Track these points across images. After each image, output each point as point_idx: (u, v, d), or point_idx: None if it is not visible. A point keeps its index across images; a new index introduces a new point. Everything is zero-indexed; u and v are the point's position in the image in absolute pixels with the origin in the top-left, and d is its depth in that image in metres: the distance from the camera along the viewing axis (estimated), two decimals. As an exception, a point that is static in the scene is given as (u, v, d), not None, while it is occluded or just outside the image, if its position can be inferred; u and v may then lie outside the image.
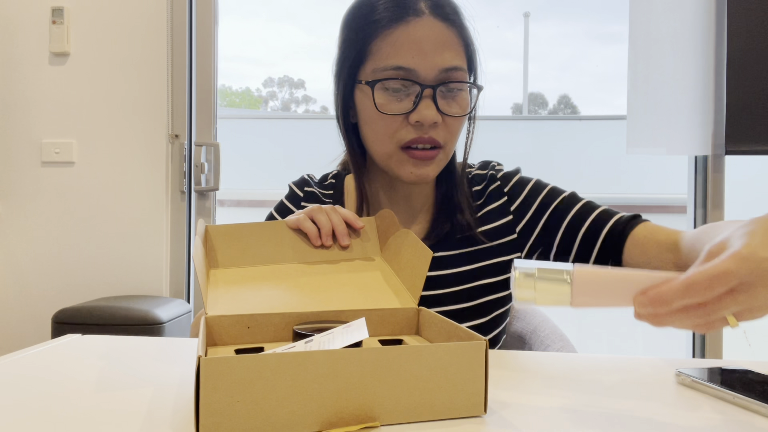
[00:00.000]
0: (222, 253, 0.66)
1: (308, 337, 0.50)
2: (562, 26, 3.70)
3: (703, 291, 0.43)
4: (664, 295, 0.43)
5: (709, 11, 1.92)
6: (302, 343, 0.50)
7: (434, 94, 0.79)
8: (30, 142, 2.15)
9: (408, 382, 0.44)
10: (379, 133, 0.82)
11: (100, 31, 2.13)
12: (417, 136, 0.80)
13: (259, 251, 0.67)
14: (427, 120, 0.79)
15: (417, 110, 0.79)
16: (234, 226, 0.68)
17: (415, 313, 0.62)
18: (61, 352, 0.66)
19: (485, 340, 0.46)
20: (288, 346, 0.51)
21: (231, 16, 2.41)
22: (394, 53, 0.79)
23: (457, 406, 0.46)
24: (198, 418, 0.40)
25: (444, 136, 0.81)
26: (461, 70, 0.81)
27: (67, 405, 0.49)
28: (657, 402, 0.51)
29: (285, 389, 0.42)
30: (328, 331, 0.51)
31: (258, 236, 0.68)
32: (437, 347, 0.45)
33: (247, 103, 4.08)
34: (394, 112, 0.80)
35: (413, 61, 0.78)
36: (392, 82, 0.79)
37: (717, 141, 1.92)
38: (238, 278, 0.64)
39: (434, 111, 0.79)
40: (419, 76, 0.79)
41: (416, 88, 0.79)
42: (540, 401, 0.51)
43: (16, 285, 2.17)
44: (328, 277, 0.66)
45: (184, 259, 2.17)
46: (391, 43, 0.79)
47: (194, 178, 2.17)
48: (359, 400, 0.43)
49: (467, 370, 0.46)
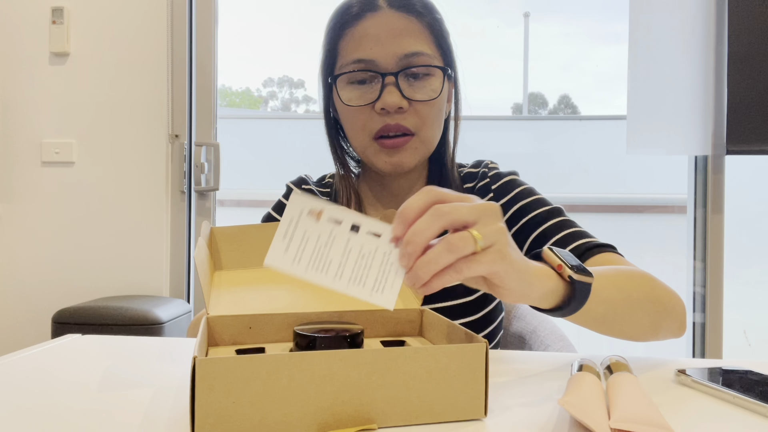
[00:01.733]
0: (226, 255, 0.66)
1: (309, 338, 0.50)
2: (562, 26, 3.70)
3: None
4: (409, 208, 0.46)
5: (709, 11, 1.92)
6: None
7: (396, 81, 0.80)
8: (30, 142, 2.15)
9: (406, 384, 0.44)
10: (352, 126, 0.85)
11: (100, 31, 2.13)
12: (384, 124, 0.81)
13: (263, 253, 0.67)
14: (390, 106, 0.80)
15: (381, 98, 0.81)
16: (239, 228, 0.67)
17: (418, 314, 0.61)
18: (61, 352, 0.66)
19: (485, 342, 0.46)
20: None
21: (231, 16, 2.41)
22: (354, 48, 0.82)
23: (457, 408, 0.45)
24: (193, 419, 0.40)
25: (413, 122, 0.82)
26: (424, 55, 0.82)
27: (66, 405, 0.49)
28: (657, 402, 0.51)
29: (281, 390, 0.41)
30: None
31: (263, 238, 0.67)
32: (436, 349, 0.45)
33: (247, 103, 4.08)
34: (359, 103, 0.82)
35: (371, 52, 0.81)
36: (356, 74, 0.82)
37: (717, 141, 1.91)
38: (241, 280, 0.63)
39: (398, 96, 0.80)
40: (379, 66, 0.81)
41: (379, 78, 0.81)
42: (541, 403, 0.51)
43: (16, 285, 2.17)
44: None
45: (184, 259, 2.17)
46: (352, 39, 0.83)
47: (194, 178, 2.17)
48: (356, 402, 0.43)
49: (467, 372, 0.45)
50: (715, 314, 1.97)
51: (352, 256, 0.46)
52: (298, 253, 0.45)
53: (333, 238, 0.46)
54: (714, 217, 1.96)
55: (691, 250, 2.02)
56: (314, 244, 0.46)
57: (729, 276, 1.97)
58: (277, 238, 0.45)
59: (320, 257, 0.45)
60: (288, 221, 0.46)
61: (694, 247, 2.01)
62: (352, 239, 0.46)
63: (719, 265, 1.97)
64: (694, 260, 2.01)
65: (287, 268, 0.45)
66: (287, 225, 0.46)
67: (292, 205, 0.46)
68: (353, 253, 0.46)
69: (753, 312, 2.26)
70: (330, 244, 0.46)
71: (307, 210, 0.46)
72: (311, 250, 0.45)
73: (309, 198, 0.47)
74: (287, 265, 0.45)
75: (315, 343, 0.49)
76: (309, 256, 0.45)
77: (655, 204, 2.78)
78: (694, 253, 2.01)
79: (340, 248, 0.46)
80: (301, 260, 0.45)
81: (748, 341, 2.12)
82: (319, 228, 0.46)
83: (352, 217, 0.47)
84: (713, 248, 1.96)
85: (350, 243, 0.46)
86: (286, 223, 0.46)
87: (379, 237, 0.47)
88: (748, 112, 1.86)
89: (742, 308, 2.16)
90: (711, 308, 1.97)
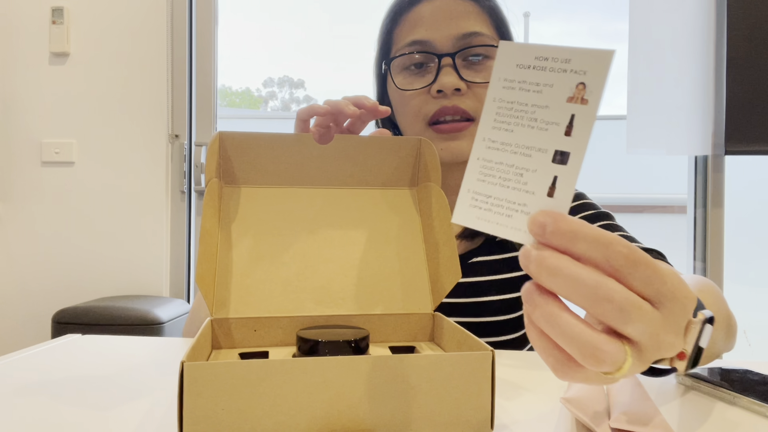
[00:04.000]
0: (239, 168, 0.59)
1: (311, 342, 0.48)
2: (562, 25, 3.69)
3: (620, 252, 0.29)
4: (572, 224, 0.30)
5: (709, 11, 1.92)
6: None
7: (454, 62, 0.76)
8: (30, 142, 2.15)
9: (405, 394, 0.41)
10: (407, 114, 0.79)
11: (100, 31, 2.13)
12: (441, 107, 0.76)
13: (279, 168, 0.60)
14: (447, 87, 0.75)
15: (437, 80, 0.76)
16: (253, 136, 0.59)
17: (430, 318, 0.58)
18: (61, 352, 0.66)
19: (491, 351, 0.43)
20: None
21: (231, 16, 2.41)
22: (409, 31, 0.79)
23: (461, 421, 0.42)
24: (182, 425, 0.39)
25: (472, 105, 0.77)
26: (483, 35, 0.77)
27: (66, 405, 0.49)
28: (657, 402, 0.51)
29: (272, 398, 0.40)
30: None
31: (280, 150, 0.60)
32: (438, 357, 0.42)
33: (247, 103, 4.08)
34: (415, 87, 0.77)
35: (427, 34, 0.77)
36: (411, 57, 0.78)
37: (717, 141, 1.91)
38: (247, 244, 0.57)
39: (455, 77, 0.75)
40: (435, 47, 0.77)
41: (436, 61, 0.77)
42: (542, 405, 0.51)
43: (16, 285, 2.17)
44: (351, 237, 0.59)
45: (184, 259, 2.17)
46: (408, 23, 0.79)
47: (194, 178, 2.17)
48: (352, 412, 0.41)
49: (471, 382, 0.42)
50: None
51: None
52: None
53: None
54: (714, 217, 1.96)
55: (691, 250, 2.02)
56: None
57: (729, 276, 1.97)
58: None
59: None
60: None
61: (694, 247, 2.01)
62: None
63: (719, 265, 1.97)
64: (694, 260, 2.01)
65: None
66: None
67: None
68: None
69: (753, 312, 2.26)
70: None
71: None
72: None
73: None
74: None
75: (318, 348, 0.48)
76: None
77: (655, 204, 2.78)
78: (694, 253, 2.01)
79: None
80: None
81: (748, 341, 2.11)
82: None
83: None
84: (713, 248, 1.96)
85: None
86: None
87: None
88: (747, 112, 1.86)
89: (742, 308, 2.16)
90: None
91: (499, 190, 0.33)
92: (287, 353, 0.53)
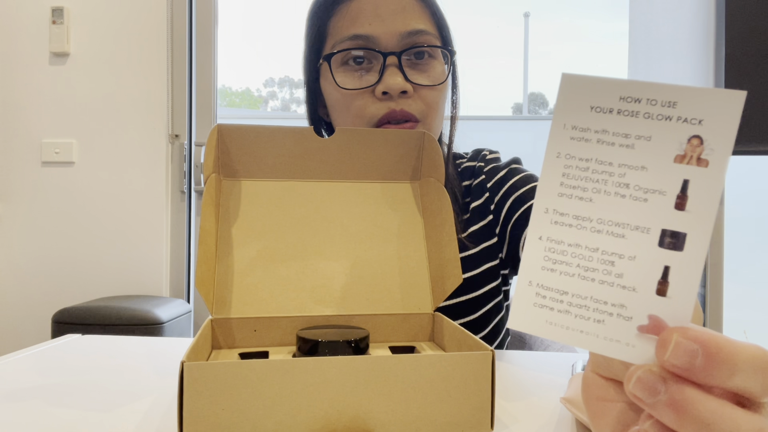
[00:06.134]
0: (239, 161, 0.59)
1: (311, 342, 0.48)
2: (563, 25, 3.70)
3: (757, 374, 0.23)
4: (729, 351, 0.22)
5: (709, 11, 1.92)
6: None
7: (399, 62, 0.71)
8: (30, 142, 2.15)
9: (405, 394, 0.41)
10: (348, 115, 0.74)
11: (100, 31, 2.13)
12: (389, 111, 0.71)
13: (279, 160, 0.60)
14: (393, 88, 0.70)
15: (382, 80, 0.71)
16: (252, 129, 0.59)
17: (430, 318, 0.58)
18: (61, 352, 0.66)
19: (491, 351, 0.43)
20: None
21: (231, 16, 2.41)
22: (350, 24, 0.72)
23: (460, 420, 0.42)
24: (182, 424, 0.39)
25: (419, 108, 0.73)
26: (428, 34, 0.73)
27: (66, 405, 0.49)
28: (657, 402, 0.51)
29: (272, 398, 0.40)
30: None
31: (281, 142, 0.59)
32: (437, 357, 0.42)
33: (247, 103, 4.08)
34: (357, 86, 0.72)
35: (370, 28, 0.71)
36: (353, 53, 0.72)
37: (717, 141, 1.91)
38: (248, 239, 0.57)
39: (401, 79, 0.71)
40: (380, 44, 0.71)
41: (380, 59, 0.72)
42: (542, 405, 0.51)
43: (16, 285, 2.17)
44: (352, 230, 0.59)
45: (184, 259, 2.17)
46: (347, 16, 0.73)
47: (194, 178, 2.17)
48: (352, 412, 0.41)
49: (471, 382, 0.42)
50: (715, 314, 1.97)
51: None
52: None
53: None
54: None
55: (691, 250, 2.02)
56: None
57: (729, 276, 1.97)
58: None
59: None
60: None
61: (694, 247, 2.01)
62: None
63: (719, 265, 1.97)
64: (694, 260, 2.01)
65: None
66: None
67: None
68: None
69: (753, 312, 2.26)
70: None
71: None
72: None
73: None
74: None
75: (318, 348, 0.48)
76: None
77: (655, 204, 2.78)
78: (694, 253, 2.01)
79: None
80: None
81: (747, 341, 2.11)
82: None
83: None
84: (713, 248, 1.96)
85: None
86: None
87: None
88: (747, 112, 1.86)
89: (742, 308, 2.16)
90: (711, 308, 1.97)
91: (579, 285, 0.25)
92: (287, 353, 0.53)
